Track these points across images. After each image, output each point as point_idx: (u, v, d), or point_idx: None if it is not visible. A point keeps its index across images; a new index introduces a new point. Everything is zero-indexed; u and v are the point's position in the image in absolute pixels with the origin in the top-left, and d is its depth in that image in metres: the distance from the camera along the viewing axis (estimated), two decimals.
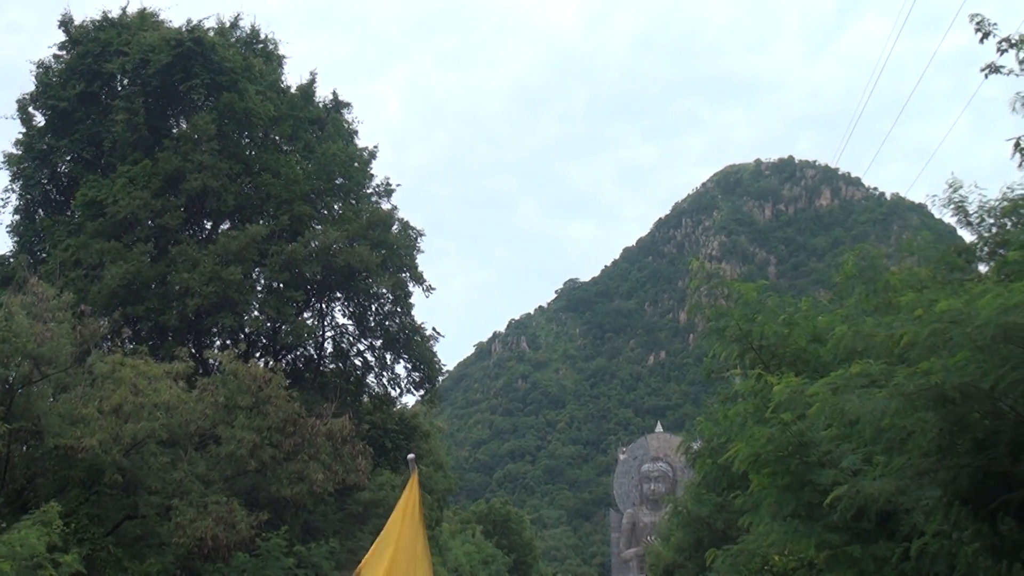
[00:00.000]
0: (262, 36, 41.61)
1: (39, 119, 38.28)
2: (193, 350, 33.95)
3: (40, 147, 37.96)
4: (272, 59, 41.18)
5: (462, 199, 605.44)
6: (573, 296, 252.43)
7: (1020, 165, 12.78)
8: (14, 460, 23.12)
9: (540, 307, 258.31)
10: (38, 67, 38.15)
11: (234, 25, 40.71)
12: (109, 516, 25.33)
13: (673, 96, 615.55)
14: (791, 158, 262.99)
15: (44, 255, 35.68)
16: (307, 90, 41.58)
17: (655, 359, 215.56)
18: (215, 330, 35.95)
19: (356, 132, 42.97)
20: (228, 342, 35.04)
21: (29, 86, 38.70)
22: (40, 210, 38.39)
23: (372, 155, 42.05)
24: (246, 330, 35.76)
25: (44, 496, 21.41)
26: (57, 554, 17.61)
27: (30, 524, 17.38)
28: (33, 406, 23.21)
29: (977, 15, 13.04)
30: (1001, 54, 12.66)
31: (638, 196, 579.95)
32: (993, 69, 12.91)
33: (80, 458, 22.55)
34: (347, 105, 43.16)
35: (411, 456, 11.36)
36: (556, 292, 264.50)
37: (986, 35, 12.73)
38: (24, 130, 38.29)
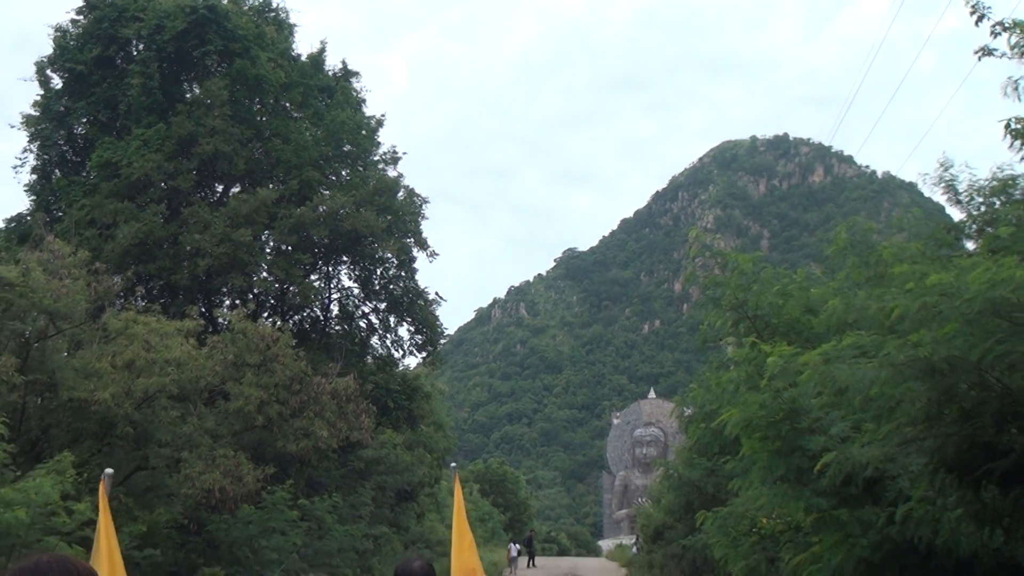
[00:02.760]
0: (274, 5, 41.46)
1: (56, 82, 38.14)
2: (203, 309, 34.03)
3: (57, 109, 37.85)
4: (283, 27, 41.03)
5: (466, 168, 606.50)
6: (571, 265, 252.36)
7: (1011, 146, 12.76)
8: (29, 412, 23.19)
9: (539, 275, 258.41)
10: (56, 31, 37.98)
11: None
12: (121, 467, 25.39)
13: (673, 72, 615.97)
14: (786, 135, 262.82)
15: (60, 214, 35.63)
16: (317, 59, 41.46)
17: (649, 327, 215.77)
18: (225, 290, 35.98)
19: (364, 101, 42.88)
20: (237, 302, 35.05)
21: (47, 49, 38.64)
22: (56, 170, 38.31)
23: (380, 123, 42.01)
24: (255, 290, 35.78)
25: (58, 446, 21.46)
26: (70, 502, 17.70)
27: (44, 473, 17.46)
28: (48, 360, 23.27)
29: None
30: (994, 37, 12.63)
31: (637, 169, 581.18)
32: (986, 52, 12.87)
33: (93, 411, 22.60)
34: (356, 74, 43.09)
35: (452, 465, 11.66)
36: (555, 261, 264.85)
37: (980, 18, 12.69)
38: (42, 92, 38.16)
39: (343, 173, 39.80)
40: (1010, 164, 14.14)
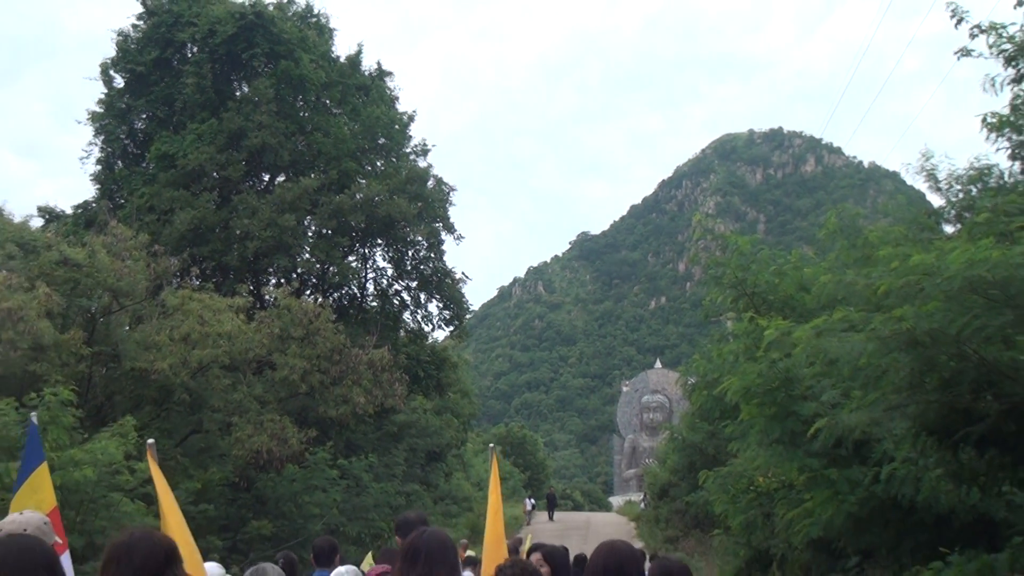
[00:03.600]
0: (315, 11, 41.37)
1: (119, 81, 38.19)
2: (252, 287, 34.10)
3: (119, 106, 37.93)
4: (324, 32, 40.95)
5: (489, 159, 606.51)
6: (584, 247, 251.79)
7: (987, 138, 12.69)
8: (95, 380, 23.31)
9: (555, 256, 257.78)
10: (118, 35, 38.06)
11: (291, 1, 40.52)
12: (177, 430, 25.58)
13: (677, 71, 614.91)
14: (780, 128, 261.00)
15: (122, 201, 35.72)
16: (354, 60, 41.39)
17: (656, 303, 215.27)
18: (271, 270, 36.07)
19: (397, 98, 42.74)
20: (282, 280, 35.13)
21: (110, 52, 38.70)
22: (119, 162, 38.40)
23: (411, 119, 41.96)
24: (298, 270, 35.84)
25: (121, 412, 21.58)
26: (132, 462, 17.83)
27: (109, 436, 17.58)
28: (112, 333, 23.39)
29: (952, 3, 12.93)
30: (972, 39, 12.56)
31: (644, 159, 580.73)
32: (965, 52, 12.80)
33: (153, 379, 22.71)
34: (389, 74, 42.96)
35: (492, 445, 11.59)
36: (570, 243, 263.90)
37: (960, 21, 12.62)
38: (105, 91, 38.24)
39: (378, 164, 39.76)
40: (986, 155, 14.09)
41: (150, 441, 7.58)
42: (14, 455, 14.40)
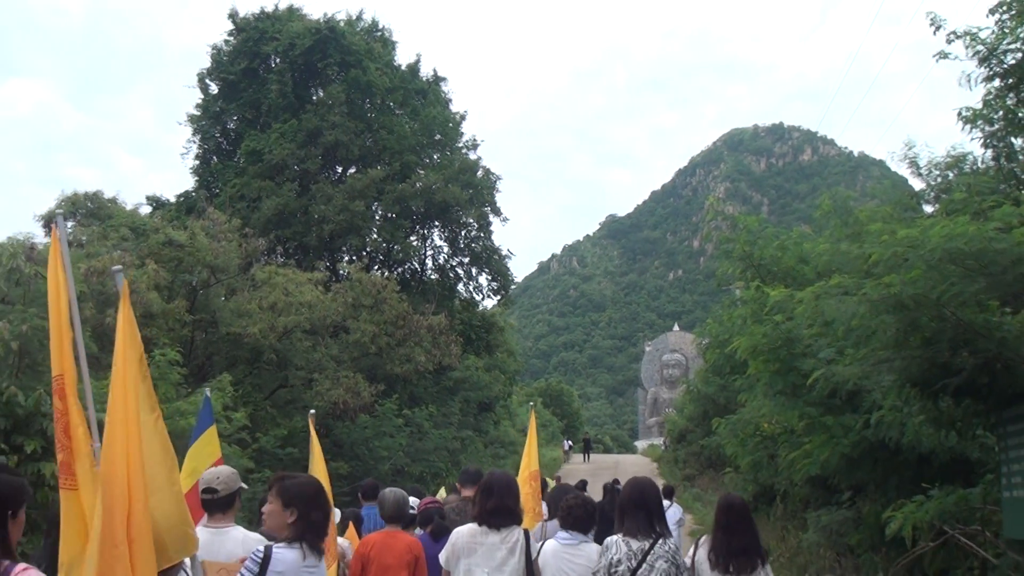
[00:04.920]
0: (380, 26, 41.29)
1: (213, 88, 38.39)
2: (328, 263, 34.27)
3: (214, 110, 38.16)
4: (387, 43, 40.86)
5: (529, 152, 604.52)
6: (612, 227, 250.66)
7: (962, 129, 12.53)
8: (196, 343, 23.56)
9: (587, 235, 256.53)
10: (213, 49, 38.25)
11: (359, 17, 40.43)
12: (267, 385, 25.81)
13: (691, 75, 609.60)
14: (781, 123, 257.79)
15: (217, 191, 35.96)
16: (414, 67, 41.31)
17: (674, 275, 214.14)
18: (344, 248, 36.20)
19: (450, 100, 42.60)
20: (354, 257, 35.33)
21: (206, 63, 38.91)
22: (214, 157, 38.64)
23: (462, 117, 41.87)
24: (367, 249, 35.94)
25: (219, 370, 21.80)
26: (229, 412, 18.03)
27: (209, 390, 17.76)
28: (211, 303, 23.61)
29: (932, 12, 12.78)
30: (949, 43, 12.39)
31: (663, 151, 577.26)
32: (943, 55, 12.62)
33: (245, 342, 22.94)
34: (444, 79, 42.82)
35: (531, 404, 11.80)
36: (599, 224, 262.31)
37: (938, 28, 12.45)
38: (202, 97, 38.49)
39: (434, 157, 39.73)
40: (962, 144, 13.96)
41: (311, 412, 7.89)
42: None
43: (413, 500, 8.61)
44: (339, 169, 37.84)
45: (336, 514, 7.99)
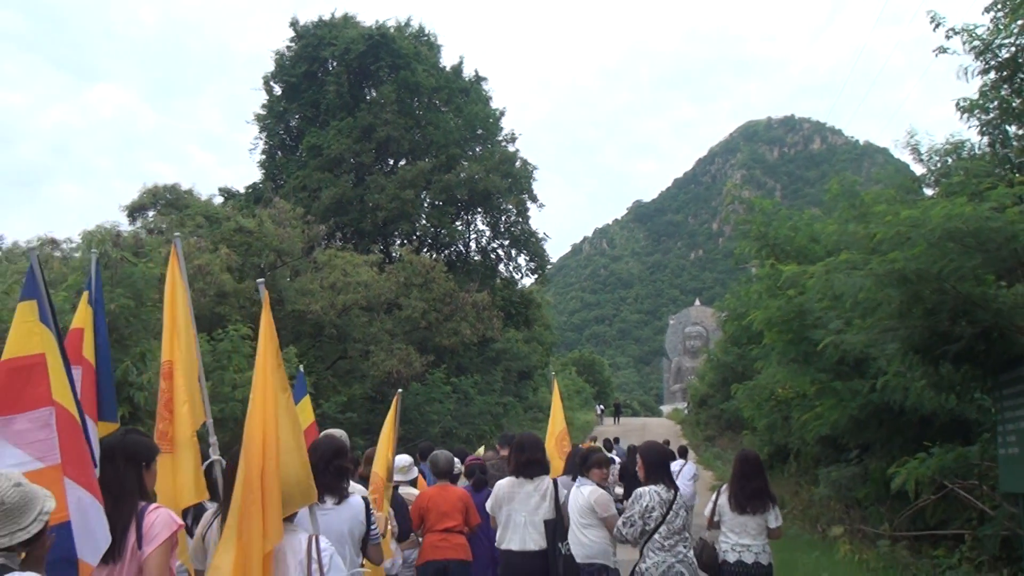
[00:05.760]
0: (426, 31, 41.24)
1: (277, 90, 38.62)
2: (382, 247, 34.48)
3: (278, 109, 38.37)
4: (433, 47, 40.81)
5: (562, 144, 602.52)
6: (639, 211, 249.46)
7: (960, 118, 12.36)
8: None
9: (616, 219, 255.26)
10: (276, 54, 38.44)
11: (407, 24, 40.40)
12: (328, 356, 26.04)
13: (710, 72, 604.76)
14: (793, 115, 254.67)
15: (281, 182, 36.21)
16: (457, 68, 41.25)
17: (695, 255, 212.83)
18: (396, 233, 36.35)
19: (491, 97, 42.52)
20: (405, 241, 35.45)
21: (270, 67, 39.15)
22: (278, 152, 38.89)
23: (502, 113, 41.76)
24: (417, 233, 36.06)
25: (284, 343, 21.93)
26: (292, 381, 18.16)
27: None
28: (277, 283, 23.84)
29: (932, 10, 12.61)
30: (948, 39, 12.20)
31: (685, 142, 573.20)
32: (942, 50, 12.42)
33: (308, 318, 23.16)
34: (484, 79, 42.68)
35: (553, 373, 12.07)
36: (627, 209, 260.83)
37: (938, 25, 12.26)
38: (267, 97, 38.74)
39: (477, 149, 39.70)
40: (959, 132, 13.75)
41: (399, 391, 8.09)
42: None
43: (457, 463, 9.24)
44: (391, 161, 37.94)
45: (412, 471, 8.48)
